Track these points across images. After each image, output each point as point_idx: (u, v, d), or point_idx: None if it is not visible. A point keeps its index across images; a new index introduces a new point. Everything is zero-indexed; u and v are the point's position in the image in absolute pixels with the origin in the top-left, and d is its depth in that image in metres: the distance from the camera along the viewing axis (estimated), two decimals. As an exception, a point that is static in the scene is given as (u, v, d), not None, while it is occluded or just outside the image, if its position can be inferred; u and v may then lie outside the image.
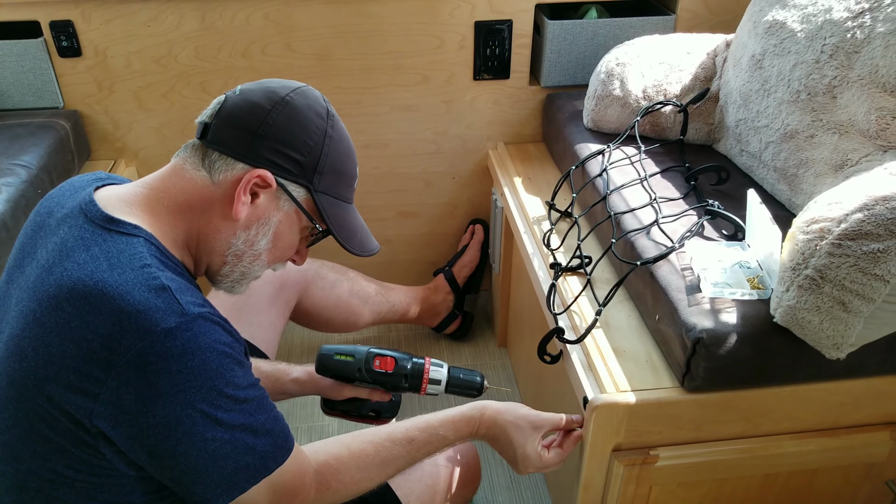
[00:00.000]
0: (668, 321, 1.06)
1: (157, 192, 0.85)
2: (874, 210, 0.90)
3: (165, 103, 1.70)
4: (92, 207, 0.82)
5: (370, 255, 0.96)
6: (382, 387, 1.19)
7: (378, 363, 1.17)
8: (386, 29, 1.67)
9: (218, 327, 0.79)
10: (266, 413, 0.84)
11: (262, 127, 0.85)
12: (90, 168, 1.71)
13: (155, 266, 0.78)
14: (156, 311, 0.74)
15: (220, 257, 0.89)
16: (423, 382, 1.17)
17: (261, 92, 0.88)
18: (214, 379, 0.77)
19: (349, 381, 1.19)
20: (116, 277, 0.75)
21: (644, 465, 1.08)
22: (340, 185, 0.92)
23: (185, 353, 0.75)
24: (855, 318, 0.91)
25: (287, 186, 0.87)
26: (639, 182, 1.33)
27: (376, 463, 0.97)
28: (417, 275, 2.02)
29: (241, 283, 0.93)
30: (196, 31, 1.62)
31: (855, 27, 1.08)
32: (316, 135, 0.88)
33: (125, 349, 0.73)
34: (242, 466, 0.81)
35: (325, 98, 0.92)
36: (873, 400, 1.10)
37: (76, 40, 1.60)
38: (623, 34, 1.68)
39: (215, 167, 0.85)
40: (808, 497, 1.21)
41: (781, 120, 1.22)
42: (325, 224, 0.91)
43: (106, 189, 0.87)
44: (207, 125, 0.87)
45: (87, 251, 0.77)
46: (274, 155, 0.86)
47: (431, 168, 1.88)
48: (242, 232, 0.87)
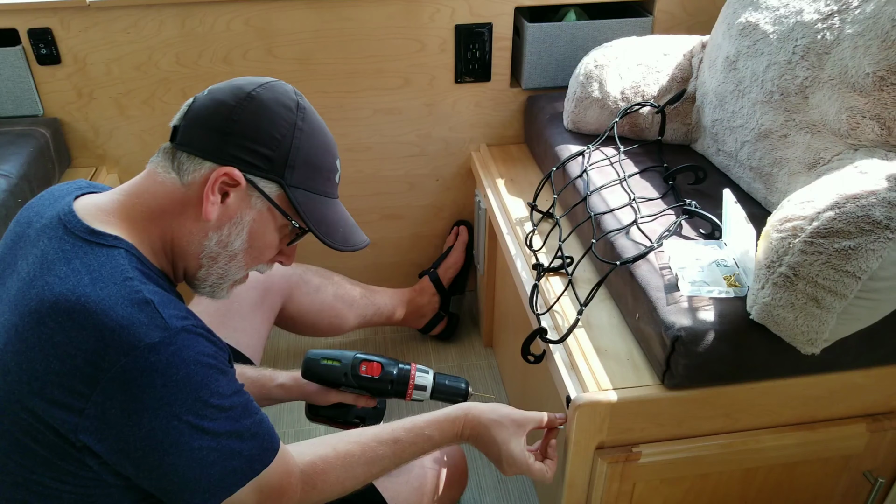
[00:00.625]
0: (648, 320, 1.08)
1: (133, 198, 0.85)
2: (845, 208, 0.92)
3: (146, 110, 1.70)
4: (72, 218, 0.82)
5: (356, 250, 0.94)
6: (368, 392, 1.20)
7: (364, 368, 1.17)
8: (367, 33, 1.68)
9: (201, 339, 0.79)
10: (251, 417, 0.84)
11: (227, 124, 0.84)
12: (71, 176, 1.70)
13: (137, 279, 0.78)
14: (139, 325, 0.74)
15: (195, 260, 0.88)
16: (409, 388, 1.18)
17: (228, 89, 0.87)
18: (199, 391, 0.77)
19: (335, 386, 1.19)
20: (98, 292, 0.75)
21: (627, 462, 1.09)
22: (317, 179, 0.90)
23: (169, 367, 0.75)
24: (828, 314, 0.93)
25: (257, 183, 0.85)
26: (618, 182, 1.35)
27: (362, 463, 0.97)
28: (403, 277, 2.03)
29: (220, 287, 0.92)
30: (176, 37, 1.62)
31: (825, 29, 1.11)
32: (284, 128, 0.86)
33: (109, 365, 0.73)
34: (230, 471, 0.82)
35: (298, 91, 0.91)
36: (848, 393, 1.13)
37: (55, 48, 1.60)
38: (601, 36, 1.70)
39: (184, 168, 0.84)
40: (788, 490, 1.23)
41: (756, 120, 1.24)
42: (302, 220, 0.89)
43: (85, 198, 0.86)
44: (177, 127, 0.86)
45: (69, 264, 0.77)
46: (241, 151, 0.84)
47: (415, 170, 1.89)
48: (214, 233, 0.86)
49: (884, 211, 0.90)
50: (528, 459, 1.04)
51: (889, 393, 1.14)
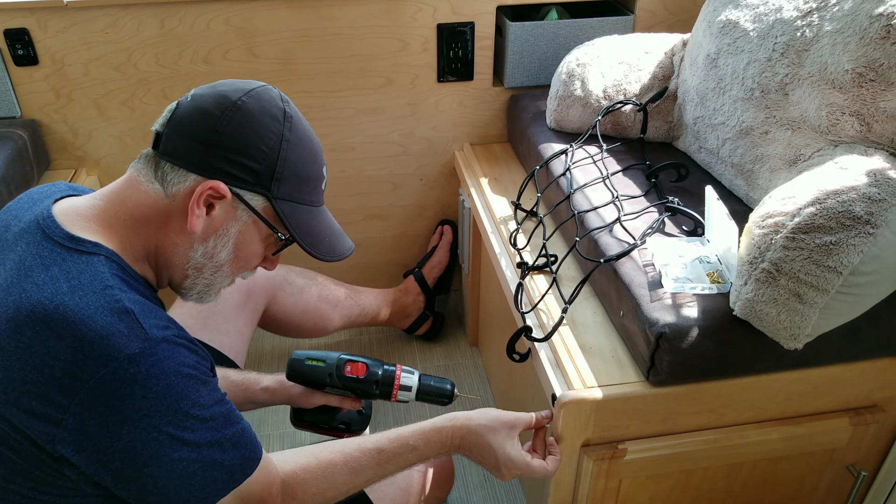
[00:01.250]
0: (632, 317, 1.08)
1: (114, 205, 0.83)
2: (826, 204, 0.93)
3: (126, 111, 1.68)
4: (50, 223, 0.80)
5: (340, 260, 0.94)
6: (353, 393, 1.19)
7: (349, 368, 1.16)
8: (349, 32, 1.67)
9: (182, 349, 0.78)
10: (233, 426, 0.83)
11: (212, 136, 0.82)
12: (50, 178, 1.68)
13: (117, 287, 0.77)
14: (119, 336, 0.73)
15: (181, 271, 0.87)
16: (394, 389, 1.17)
17: (212, 97, 0.84)
18: (180, 402, 0.76)
19: (320, 386, 1.19)
20: (77, 300, 0.74)
21: (613, 459, 1.10)
22: (303, 190, 0.89)
23: (149, 378, 0.74)
24: (810, 310, 0.94)
25: (243, 196, 0.84)
26: (601, 180, 1.36)
27: (344, 473, 0.96)
28: (387, 277, 2.03)
29: (207, 295, 0.91)
30: (155, 37, 1.60)
31: (804, 26, 1.11)
32: (271, 140, 0.84)
33: (88, 376, 0.72)
34: (210, 481, 0.81)
35: (285, 97, 0.89)
36: (831, 388, 1.14)
37: (32, 48, 1.58)
38: (583, 34, 1.70)
39: (168, 179, 0.82)
40: (773, 484, 1.24)
41: (737, 117, 1.25)
42: (288, 232, 0.88)
43: (64, 202, 0.85)
44: (160, 134, 0.84)
45: (47, 271, 0.76)
46: (227, 164, 0.82)
47: (398, 170, 1.89)
48: (200, 245, 0.85)
49: (864, 206, 0.91)
50: (526, 459, 1.03)
51: (871, 387, 1.15)
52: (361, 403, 1.24)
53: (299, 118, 0.89)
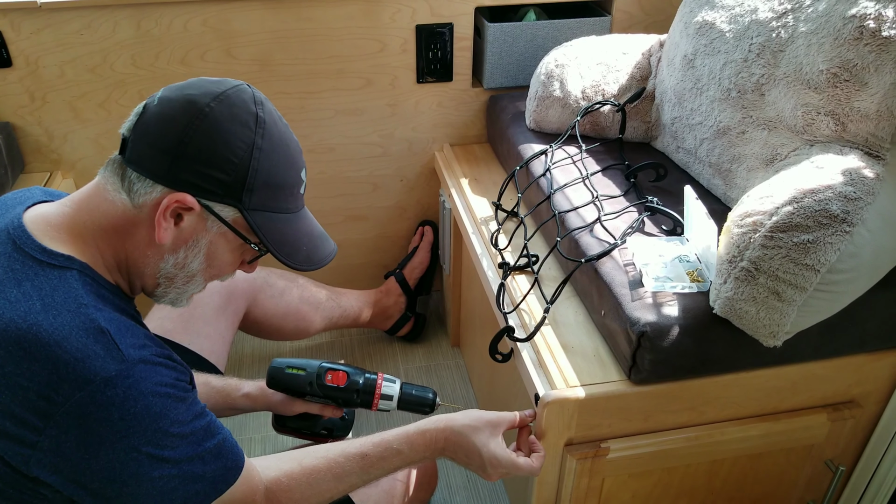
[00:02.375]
0: (614, 316, 1.09)
1: (83, 213, 0.81)
2: (803, 203, 0.94)
3: (102, 113, 1.66)
4: (21, 234, 0.78)
5: (321, 267, 0.91)
6: (334, 402, 1.18)
7: (330, 377, 1.15)
8: (327, 33, 1.66)
9: (159, 367, 0.77)
10: (213, 438, 0.82)
11: (178, 146, 0.78)
12: (25, 181, 1.65)
13: (91, 305, 0.75)
14: (94, 358, 0.72)
15: (152, 279, 0.85)
16: (375, 398, 1.16)
17: (179, 102, 0.80)
18: (158, 421, 0.75)
19: (300, 395, 1.18)
20: (52, 320, 0.72)
21: (596, 457, 1.10)
22: (278, 198, 0.85)
23: (126, 400, 0.73)
24: (789, 307, 0.95)
25: (213, 208, 0.81)
26: (581, 181, 1.36)
27: (328, 478, 0.95)
28: (368, 278, 2.02)
29: (180, 300, 0.89)
30: (131, 38, 1.58)
31: (779, 27, 1.13)
32: (241, 150, 0.80)
33: (63, 399, 0.71)
34: (192, 494, 0.80)
35: (259, 98, 0.84)
36: (809, 384, 1.15)
37: (5, 50, 1.55)
38: (561, 35, 1.71)
39: (134, 190, 0.80)
40: (753, 481, 1.25)
41: (714, 117, 1.26)
42: (262, 243, 0.85)
43: (35, 210, 0.82)
44: (126, 139, 0.81)
45: (19, 287, 0.74)
46: (194, 176, 0.79)
47: (378, 171, 1.88)
48: (171, 256, 0.83)
49: (840, 205, 0.92)
50: (512, 457, 1.02)
51: (848, 382, 1.17)
52: (343, 411, 1.23)
53: (274, 122, 0.84)
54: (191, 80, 0.84)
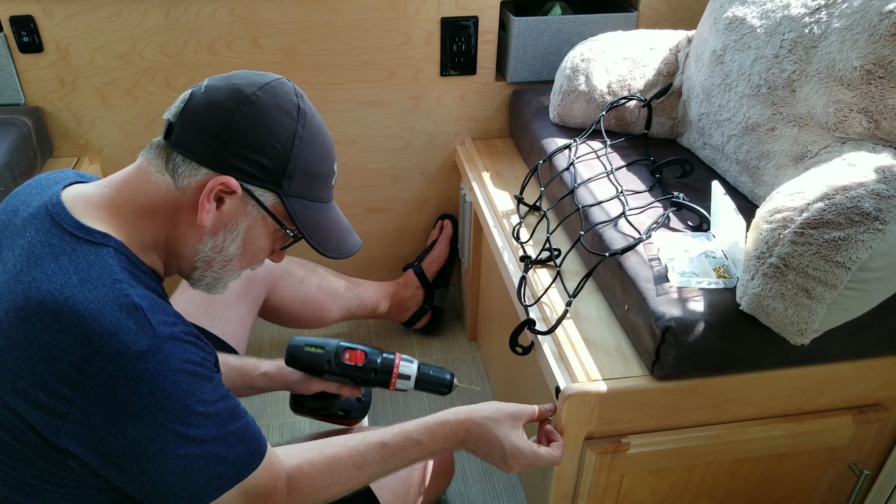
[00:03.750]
0: (637, 311, 1.08)
1: (123, 194, 0.83)
2: (835, 199, 0.93)
3: (130, 99, 1.67)
4: (60, 210, 0.80)
5: (348, 257, 0.93)
6: (352, 381, 1.17)
7: (348, 356, 1.15)
8: (352, 25, 1.67)
9: (189, 345, 0.78)
10: (238, 421, 0.83)
11: (225, 130, 0.81)
12: (53, 166, 1.67)
13: (126, 281, 0.76)
14: (127, 332, 0.73)
15: (189, 262, 0.87)
16: (393, 377, 1.16)
17: (226, 90, 0.83)
18: (185, 399, 0.76)
19: (318, 373, 1.17)
20: (87, 294, 0.73)
21: (616, 452, 1.10)
22: (314, 187, 0.88)
23: (156, 375, 0.74)
24: (818, 305, 0.94)
25: (254, 192, 0.84)
26: (605, 175, 1.35)
27: (349, 467, 0.95)
28: (387, 270, 2.02)
29: (216, 287, 0.91)
30: (160, 26, 1.60)
31: (812, 23, 1.11)
32: (284, 137, 0.83)
33: (95, 371, 0.72)
34: (215, 476, 0.81)
35: (300, 92, 0.88)
36: (835, 385, 1.14)
37: (37, 36, 1.57)
38: (587, 30, 1.70)
39: (179, 172, 0.82)
40: (774, 482, 1.24)
41: (743, 113, 1.25)
42: (297, 229, 0.87)
43: (73, 189, 0.84)
44: (172, 124, 0.83)
45: (56, 261, 0.75)
46: (239, 160, 0.82)
47: (399, 164, 1.88)
48: (210, 238, 0.85)
49: (873, 202, 0.91)
50: (533, 447, 1.02)
51: (875, 385, 1.15)
52: (360, 391, 1.22)
53: (313, 114, 0.88)
54: (234, 71, 0.87)
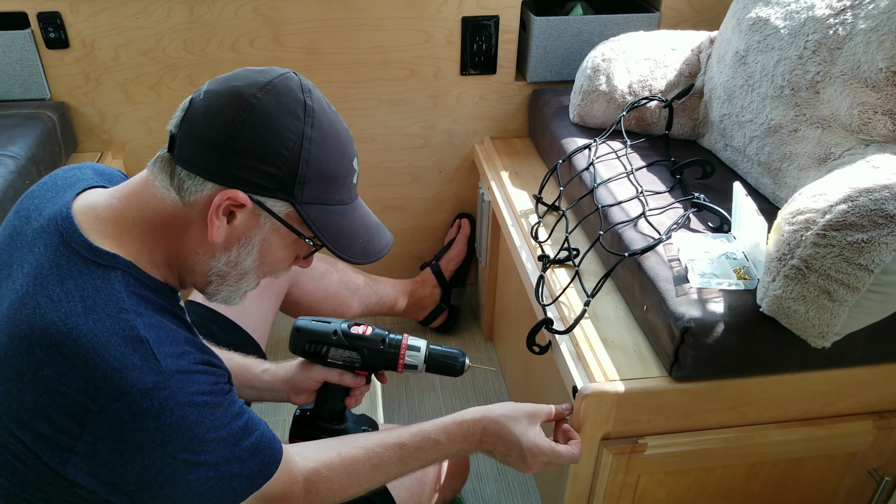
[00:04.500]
0: (656, 311, 1.08)
1: (132, 208, 0.79)
2: (858, 201, 0.92)
3: (153, 96, 1.69)
4: (69, 226, 0.77)
5: (377, 261, 0.88)
6: (359, 353, 1.10)
7: (356, 329, 1.11)
8: (373, 23, 1.67)
9: (198, 375, 0.76)
10: (250, 436, 0.81)
11: (227, 140, 0.75)
12: (77, 160, 1.69)
13: (132, 310, 0.74)
14: (132, 369, 0.71)
15: (203, 277, 0.83)
16: (402, 350, 1.09)
17: (225, 95, 0.77)
18: (194, 430, 0.74)
19: (323, 351, 1.10)
20: (91, 326, 0.71)
21: (633, 453, 1.09)
22: (330, 190, 0.82)
23: (162, 411, 0.72)
24: (840, 307, 0.94)
25: (265, 203, 0.78)
26: (625, 176, 1.35)
27: (367, 468, 0.95)
28: (404, 268, 2.03)
29: (233, 298, 0.88)
30: (184, 23, 1.61)
31: (837, 24, 1.11)
32: (291, 141, 0.77)
33: (100, 408, 0.70)
34: (229, 492, 0.80)
35: (307, 86, 0.81)
36: (856, 390, 1.13)
37: (64, 32, 1.59)
38: (608, 31, 1.70)
39: (184, 188, 0.77)
40: (793, 486, 1.23)
41: (765, 115, 1.24)
42: (317, 237, 0.82)
43: (84, 198, 0.81)
44: (174, 136, 0.78)
45: (62, 284, 0.73)
46: (245, 171, 0.76)
47: (418, 162, 1.89)
48: (223, 254, 0.81)
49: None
50: (552, 445, 1.00)
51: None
52: (364, 379, 1.13)
53: (322, 110, 0.81)
54: (236, 70, 0.81)
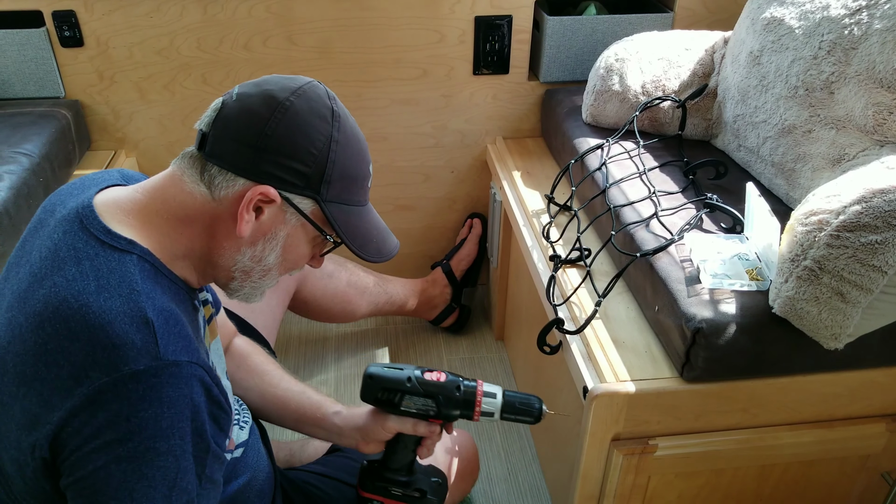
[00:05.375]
0: (668, 312, 1.07)
1: (156, 202, 0.81)
2: (872, 202, 0.91)
3: (166, 94, 1.70)
4: (89, 213, 0.79)
5: (387, 261, 0.91)
6: (434, 400, 1.04)
7: (429, 375, 1.06)
8: (387, 23, 1.68)
9: (193, 381, 0.75)
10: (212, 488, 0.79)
11: (261, 139, 0.79)
12: (91, 159, 1.71)
13: (144, 293, 0.75)
14: (129, 347, 0.71)
15: (227, 272, 0.85)
16: (478, 397, 1.04)
17: (259, 97, 0.81)
18: (156, 441, 0.72)
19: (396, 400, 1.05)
20: (102, 303, 0.72)
21: (643, 454, 1.09)
22: (351, 191, 0.86)
23: (141, 400, 0.71)
24: (853, 309, 0.93)
25: (293, 200, 0.82)
26: (638, 176, 1.35)
27: None
28: (415, 268, 2.03)
29: (254, 295, 0.89)
30: (198, 22, 1.62)
31: (852, 24, 1.10)
32: (320, 142, 0.81)
33: (89, 381, 0.70)
34: None
35: (332, 94, 0.86)
36: (869, 392, 1.12)
37: (78, 30, 1.60)
38: (621, 31, 1.69)
39: (215, 183, 0.80)
40: (804, 488, 1.22)
41: (779, 115, 1.23)
42: (337, 234, 0.86)
43: (107, 193, 0.83)
44: (206, 135, 0.81)
45: (78, 265, 0.75)
46: (276, 168, 0.80)
47: (430, 162, 1.89)
48: (248, 249, 0.83)
49: (912, 205, 0.89)
50: None
51: (909, 392, 1.13)
52: (440, 427, 1.07)
53: (346, 116, 0.86)
54: (264, 76, 0.85)
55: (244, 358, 1.16)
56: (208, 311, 0.97)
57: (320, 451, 1.35)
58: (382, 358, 1.75)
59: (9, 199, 1.31)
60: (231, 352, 1.16)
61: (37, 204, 1.39)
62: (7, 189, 1.32)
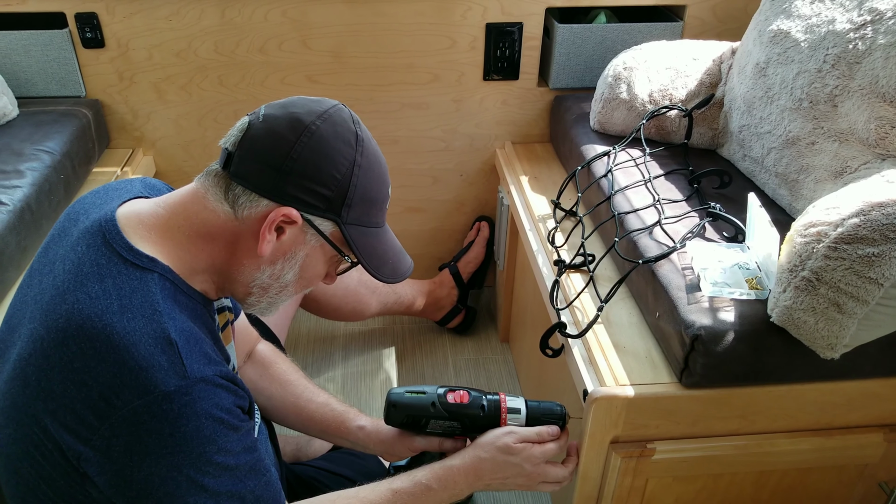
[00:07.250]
0: (668, 318, 1.09)
1: (178, 217, 0.84)
2: (870, 216, 0.93)
3: (184, 95, 1.74)
4: (111, 228, 0.81)
5: (401, 281, 0.94)
6: (459, 424, 1.08)
7: (452, 397, 1.08)
8: (399, 28, 1.71)
9: (220, 390, 0.78)
10: (257, 478, 0.83)
11: (286, 162, 0.81)
12: (110, 157, 1.75)
13: (166, 313, 0.77)
14: (158, 369, 0.73)
15: (245, 287, 0.88)
16: (502, 413, 1.07)
17: (285, 120, 0.83)
18: (206, 445, 0.76)
19: (421, 423, 1.08)
20: (125, 324, 0.74)
21: (641, 457, 1.11)
22: (371, 213, 0.89)
23: (180, 417, 0.74)
24: (849, 320, 0.95)
25: (314, 221, 0.84)
26: (643, 183, 1.37)
27: None
28: (423, 269, 2.06)
29: (270, 310, 0.92)
30: (215, 26, 1.66)
31: (857, 38, 1.11)
32: (344, 166, 0.83)
33: (122, 404, 0.73)
34: None
35: (356, 118, 0.88)
36: (866, 401, 1.13)
37: (100, 32, 1.64)
38: (631, 39, 1.71)
39: (239, 202, 0.82)
40: (801, 496, 1.24)
41: (784, 127, 1.25)
42: (355, 255, 0.88)
43: (129, 206, 0.85)
44: (231, 154, 0.83)
45: (101, 283, 0.77)
46: (300, 191, 0.82)
47: (439, 165, 1.92)
48: (268, 267, 0.86)
49: (908, 219, 0.91)
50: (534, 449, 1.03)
51: (907, 402, 1.15)
52: (465, 442, 1.10)
53: (369, 140, 0.88)
54: (291, 98, 0.88)
55: (267, 367, 1.18)
56: (224, 318, 0.99)
57: (326, 447, 1.38)
58: (388, 357, 1.77)
59: (31, 195, 1.35)
60: (254, 358, 1.19)
61: (57, 200, 1.44)
62: (29, 185, 1.36)
